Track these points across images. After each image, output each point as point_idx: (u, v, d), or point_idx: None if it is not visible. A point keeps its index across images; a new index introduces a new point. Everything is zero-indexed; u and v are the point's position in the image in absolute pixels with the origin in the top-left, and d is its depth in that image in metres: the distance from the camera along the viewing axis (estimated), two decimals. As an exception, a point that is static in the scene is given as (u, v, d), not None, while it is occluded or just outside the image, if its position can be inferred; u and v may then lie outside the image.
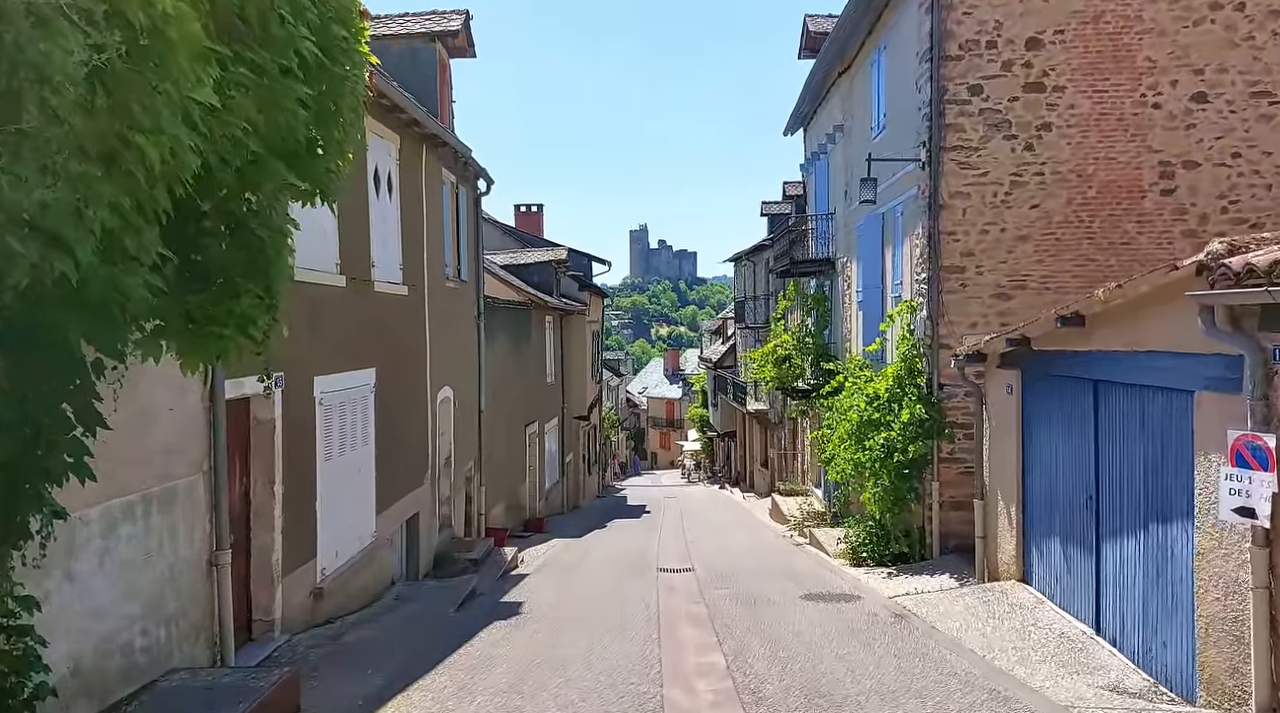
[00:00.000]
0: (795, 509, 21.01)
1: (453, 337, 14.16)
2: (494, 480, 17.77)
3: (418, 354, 12.08)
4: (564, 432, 26.53)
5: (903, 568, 12.28)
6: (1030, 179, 12.18)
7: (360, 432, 9.65)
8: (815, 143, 21.32)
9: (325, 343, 8.74)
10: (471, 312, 15.74)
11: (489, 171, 15.93)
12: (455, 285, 14.40)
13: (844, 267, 18.36)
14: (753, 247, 33.85)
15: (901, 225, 13.70)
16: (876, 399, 12.99)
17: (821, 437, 17.10)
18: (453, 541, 13.71)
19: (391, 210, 10.89)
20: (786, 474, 28.16)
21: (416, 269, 11.94)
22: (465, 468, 15.30)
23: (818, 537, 15.81)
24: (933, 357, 12.40)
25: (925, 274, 12.43)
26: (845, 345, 18.21)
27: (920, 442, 12.10)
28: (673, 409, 72.95)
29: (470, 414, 15.55)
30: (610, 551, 16.68)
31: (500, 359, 19.15)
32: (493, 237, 29.46)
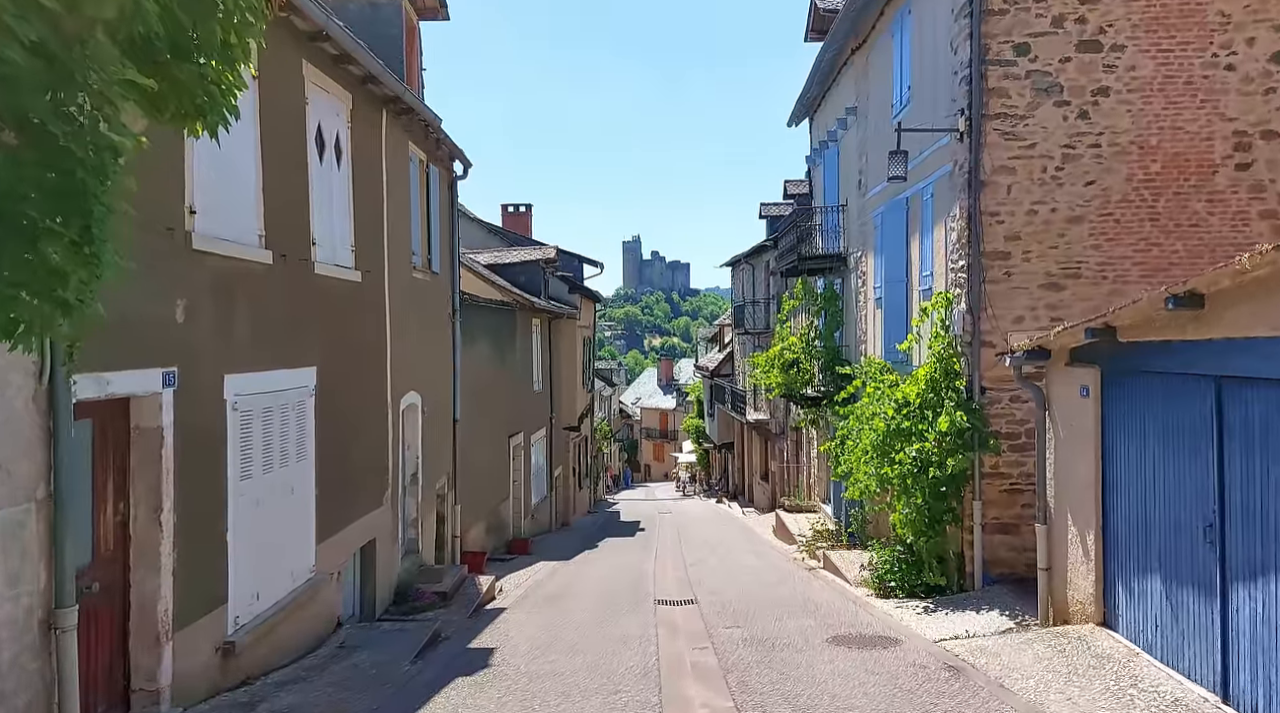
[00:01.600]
0: (803, 528, 19.29)
1: (421, 336, 12.44)
2: (471, 498, 16.01)
3: (375, 354, 10.36)
4: (552, 443, 24.78)
5: (940, 602, 10.57)
6: (1084, 152, 10.55)
7: (295, 444, 7.91)
8: (823, 131, 19.72)
9: (243, 333, 7.01)
10: (445, 309, 14.02)
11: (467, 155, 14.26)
12: (425, 277, 12.68)
13: (858, 262, 16.70)
14: (751, 249, 32.25)
15: (932, 209, 12.04)
16: (906, 405, 11.30)
17: (834, 448, 15.43)
18: (419, 569, 11.95)
19: (340, 181, 9.19)
20: (790, 489, 26.46)
21: (373, 254, 10.23)
22: (437, 485, 13.54)
23: (833, 561, 14.09)
24: (973, 356, 10.73)
25: (963, 262, 10.77)
26: (860, 348, 16.54)
27: (960, 454, 10.41)
28: (667, 420, 71.39)
29: (443, 424, 13.81)
30: (601, 576, 14.92)
31: (480, 364, 17.43)
32: (476, 235, 27.80)
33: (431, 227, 12.96)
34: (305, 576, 8.20)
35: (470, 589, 11.98)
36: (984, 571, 10.73)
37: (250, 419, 7.09)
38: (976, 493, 10.71)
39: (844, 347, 17.75)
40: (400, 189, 11.39)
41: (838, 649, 8.55)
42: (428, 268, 12.75)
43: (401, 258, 11.39)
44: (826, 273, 18.58)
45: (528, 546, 19.22)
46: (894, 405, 11.42)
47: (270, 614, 7.40)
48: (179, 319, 6.04)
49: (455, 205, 14.47)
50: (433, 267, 12.94)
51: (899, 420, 11.29)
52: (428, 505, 12.86)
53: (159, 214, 5.79)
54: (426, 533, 12.74)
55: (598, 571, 15.89)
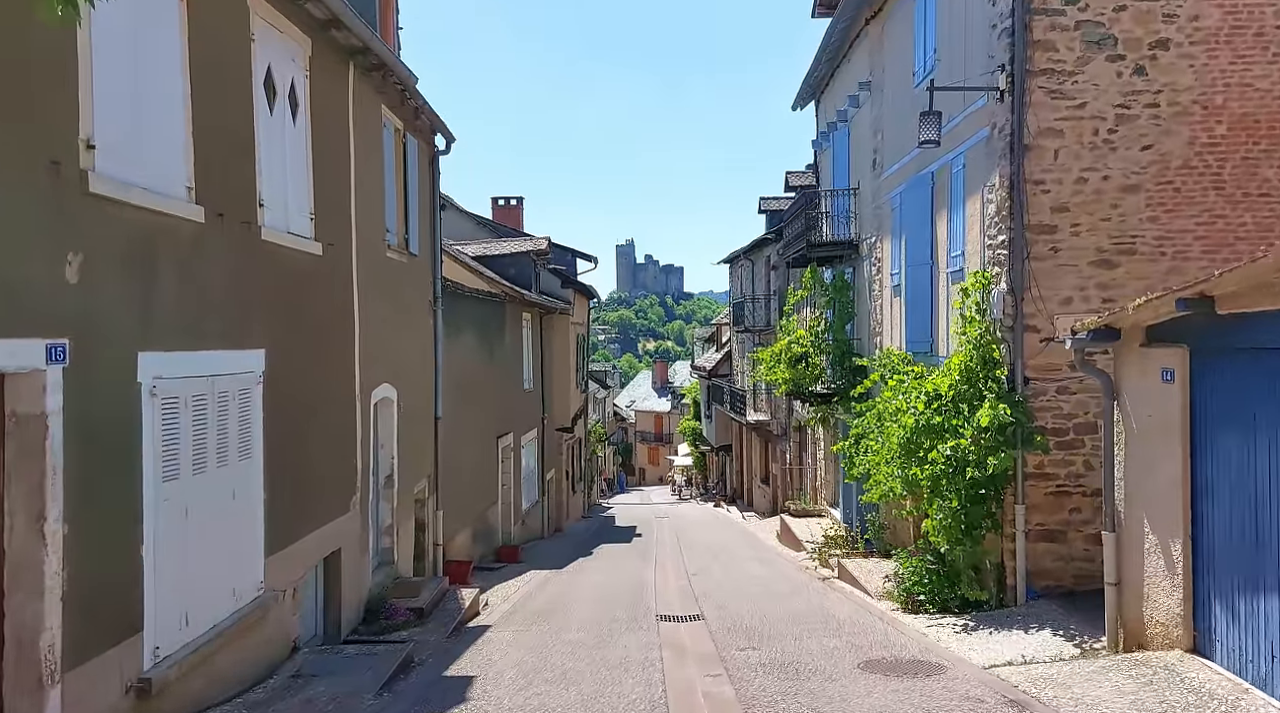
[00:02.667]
0: (812, 533, 18.11)
1: (397, 323, 11.23)
2: (456, 503, 14.78)
3: (340, 339, 9.14)
4: (544, 445, 23.55)
5: (978, 619, 9.39)
6: (1141, 112, 9.41)
7: (237, 439, 6.69)
8: (832, 112, 18.56)
9: (165, 304, 5.80)
10: (425, 295, 12.80)
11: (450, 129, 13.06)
12: (401, 258, 11.47)
13: (872, 248, 15.55)
14: (751, 243, 31.09)
15: (963, 181, 10.88)
16: (937, 399, 10.12)
17: (848, 448, 14.26)
18: (394, 582, 10.71)
19: (296, 138, 7.98)
20: (793, 491, 25.28)
21: (338, 226, 9.01)
22: (416, 488, 12.32)
23: (850, 570, 12.91)
24: (1015, 342, 9.56)
25: (1004, 237, 9.61)
26: (875, 340, 15.37)
27: (1002, 452, 9.23)
28: (662, 423, 70.23)
29: (423, 422, 12.59)
30: (596, 588, 13.71)
31: (466, 358, 16.21)
32: (465, 227, 26.60)
33: (410, 203, 11.74)
34: (252, 594, 6.97)
35: (451, 604, 10.75)
36: (1027, 583, 9.56)
37: (177, 408, 5.86)
38: (1019, 496, 9.54)
39: (856, 340, 16.58)
40: (371, 157, 10.18)
41: (873, 678, 7.35)
42: (405, 248, 11.53)
43: (373, 234, 10.17)
44: (837, 262, 17.42)
45: (518, 553, 17.99)
46: (923, 399, 10.24)
47: (205, 641, 6.17)
48: (71, 280, 4.82)
49: (437, 183, 13.26)
50: (410, 247, 11.73)
51: (929, 416, 10.11)
52: (405, 511, 11.64)
53: (38, 142, 4.56)
54: (403, 542, 11.51)
55: (593, 581, 14.67)
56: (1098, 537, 9.47)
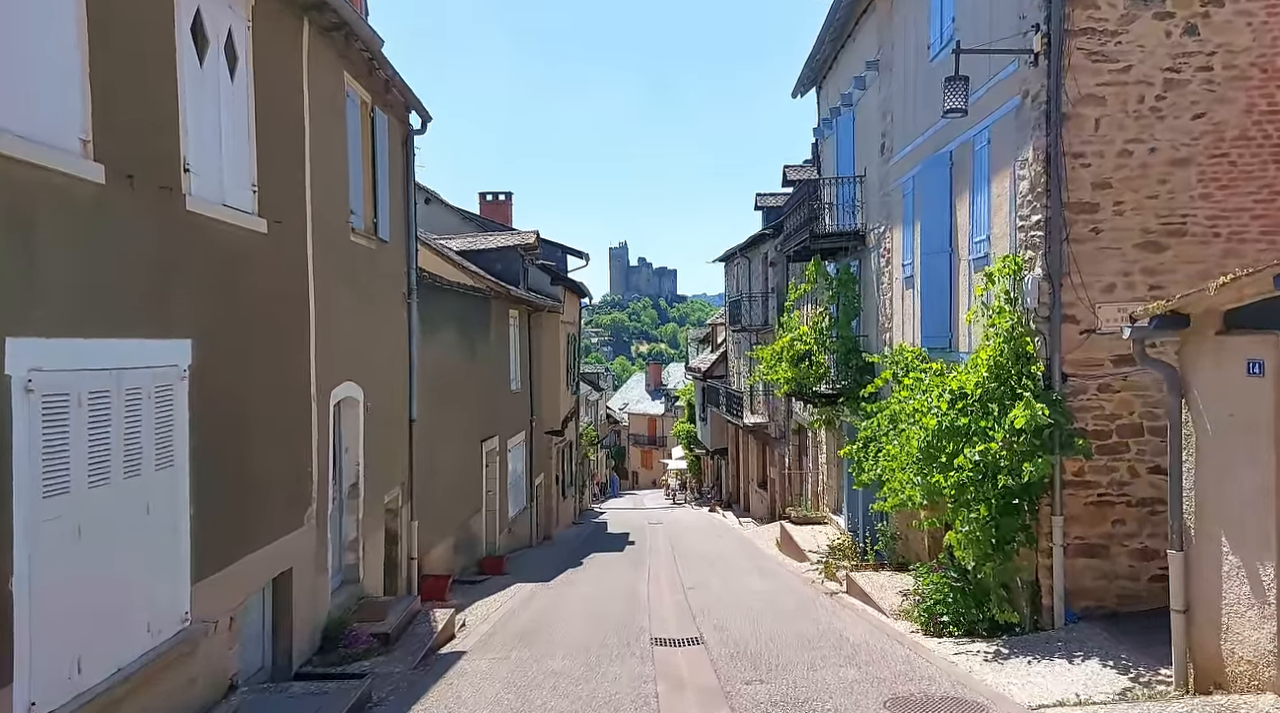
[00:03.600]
0: (815, 543, 17.09)
1: (363, 314, 10.17)
2: (434, 512, 13.71)
3: (292, 331, 8.07)
4: (532, 449, 22.47)
5: (1011, 644, 8.36)
6: (1192, 76, 8.41)
7: (152, 445, 5.62)
8: (835, 97, 17.56)
9: (50, 280, 4.74)
10: (398, 286, 11.74)
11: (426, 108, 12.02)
12: (369, 245, 10.41)
13: (881, 238, 14.55)
14: (748, 240, 30.07)
15: (988, 158, 9.87)
16: (962, 398, 9.11)
17: (856, 453, 13.25)
18: (359, 603, 9.65)
19: (234, 97, 6.91)
20: (792, 497, 24.28)
21: (289, 202, 7.95)
22: (387, 497, 11.25)
23: (860, 585, 11.88)
24: (1052, 334, 8.55)
25: (1039, 216, 8.60)
26: (884, 336, 14.37)
27: (1040, 457, 8.21)
28: (655, 426, 69.23)
29: (395, 425, 11.52)
30: (585, 604, 12.65)
31: (446, 357, 15.15)
32: (450, 222, 25.55)
33: (379, 185, 10.68)
34: (174, 627, 5.90)
35: (422, 627, 9.68)
36: (1065, 604, 8.54)
37: (65, 407, 4.80)
38: (1056, 506, 8.53)
39: (862, 337, 15.58)
40: (332, 129, 9.13)
41: (904, 721, 6.32)
42: (373, 233, 10.47)
43: (333, 215, 9.12)
44: (841, 254, 16.42)
45: (502, 564, 16.91)
46: (946, 398, 9.23)
47: (105, 689, 5.11)
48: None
49: (411, 165, 12.21)
50: (380, 232, 10.66)
51: (953, 417, 9.10)
52: (373, 523, 10.57)
53: None
54: (371, 557, 10.44)
55: (582, 595, 13.61)
56: (1144, 552, 8.53)
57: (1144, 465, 8.53)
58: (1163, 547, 8.46)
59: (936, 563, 10.12)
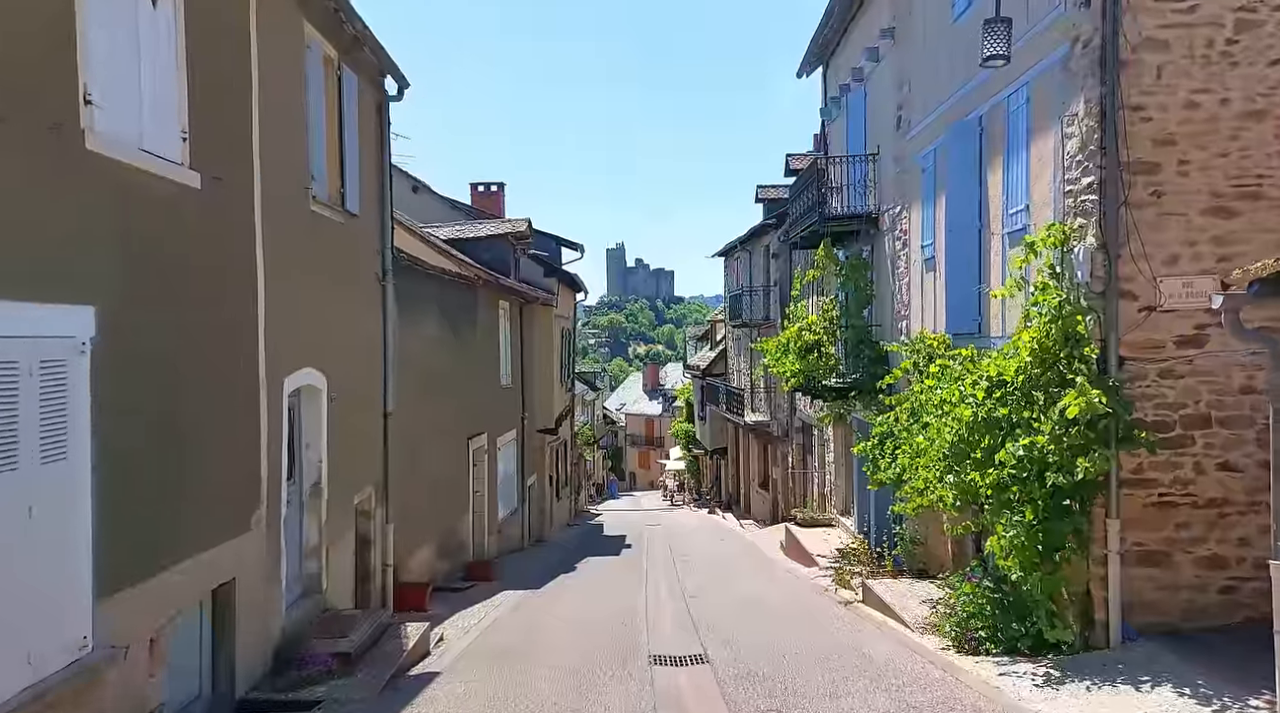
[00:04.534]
0: (823, 547, 16.05)
1: (328, 294, 9.12)
2: (414, 514, 12.65)
3: (234, 306, 7.01)
4: (524, 448, 21.40)
5: (1064, 665, 7.31)
6: (1268, 16, 7.39)
7: (36, 432, 4.57)
8: (845, 73, 16.52)
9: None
10: (371, 266, 10.68)
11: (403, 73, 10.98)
12: (335, 217, 9.35)
13: (896, 219, 13.51)
14: (748, 232, 29.04)
15: (1028, 117, 8.83)
16: (1001, 386, 8.07)
17: (870, 450, 12.24)
18: (322, 617, 8.58)
19: (157, 26, 5.86)
20: (796, 498, 23.25)
21: (231, 156, 6.90)
22: (358, 498, 10.20)
23: (878, 594, 10.83)
24: (1107, 312, 7.51)
25: (1091, 178, 7.56)
26: (900, 325, 13.34)
27: (1097, 452, 7.16)
28: (653, 426, 68.18)
29: (367, 418, 10.47)
30: (578, 615, 11.59)
31: (429, 348, 14.09)
32: (439, 210, 24.47)
33: (347, 152, 9.63)
34: (67, 656, 4.83)
35: (391, 644, 8.62)
36: (1122, 619, 7.50)
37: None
38: (1112, 508, 7.49)
39: (875, 326, 14.54)
40: (288, 83, 8.08)
41: (954, 766, 5.27)
42: (339, 205, 9.41)
43: (289, 179, 8.06)
44: (851, 239, 15.37)
45: (490, 569, 15.83)
46: (983, 387, 8.18)
47: (-34, 738, 4.04)
48: None
49: (387, 134, 11.15)
50: (348, 205, 9.60)
51: (990, 407, 8.06)
52: (340, 526, 9.51)
53: None
54: (337, 564, 9.38)
55: (574, 605, 12.54)
56: (1212, 559, 7.51)
57: (1211, 461, 7.50)
58: (1233, 554, 7.50)
59: (970, 571, 9.07)
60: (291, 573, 8.32)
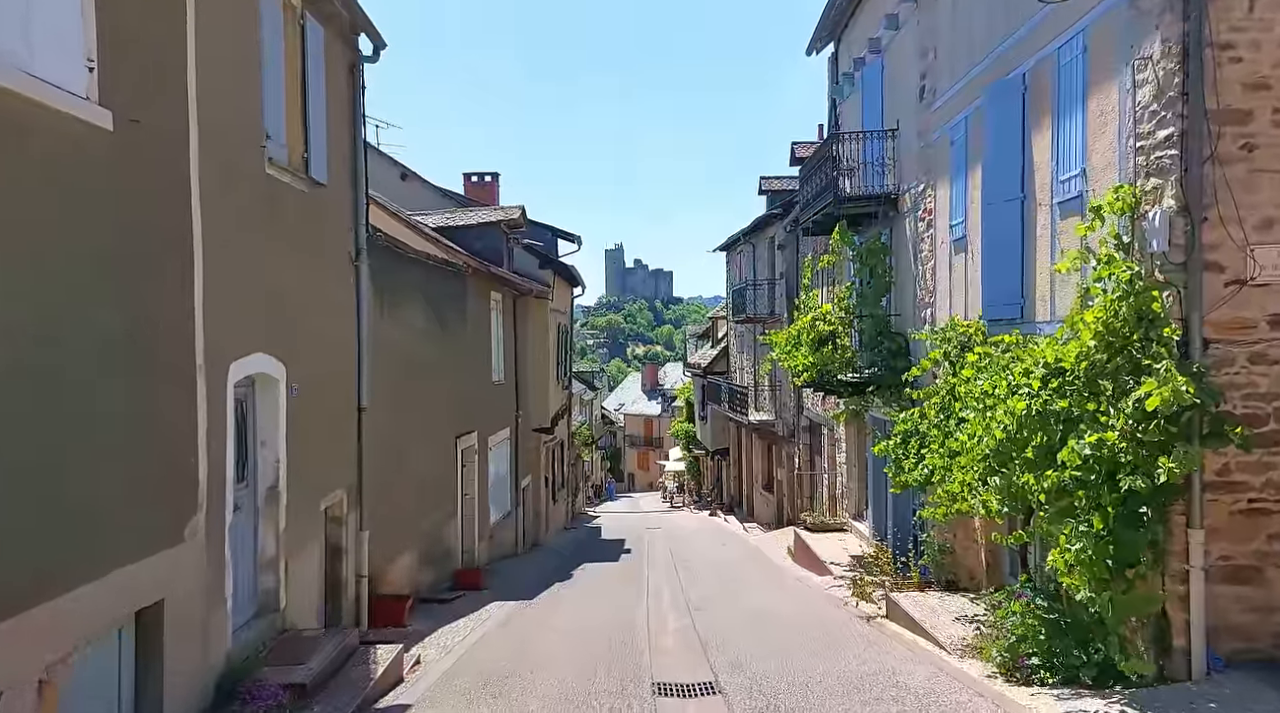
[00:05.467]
0: (837, 553, 14.98)
1: (288, 272, 8.03)
2: (394, 519, 11.56)
3: (161, 276, 5.91)
4: (518, 448, 20.30)
5: (1139, 701, 6.22)
6: (1379, -61, 6.32)
7: None
8: (860, 45, 15.45)
9: None
10: (341, 244, 9.60)
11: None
12: (296, 184, 8.25)
13: (919, 198, 12.43)
14: (752, 224, 27.96)
15: (1083, 69, 7.75)
16: (1059, 375, 7.00)
17: (893, 449, 11.21)
18: (278, 639, 7.48)
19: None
20: (803, 501, 22.19)
21: (157, 96, 5.81)
22: (326, 502, 9.11)
23: (904, 608, 9.75)
24: (1190, 287, 6.44)
25: (1168, 130, 6.48)
26: (923, 313, 12.27)
27: (1182, 450, 6.08)
28: (652, 427, 67.20)
29: (337, 413, 9.39)
30: (573, 631, 10.50)
31: (412, 339, 13.00)
32: (430, 200, 23.39)
33: (312, 113, 8.54)
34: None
35: (358, 670, 7.52)
36: (1207, 646, 6.42)
37: None
38: (1195, 516, 6.41)
39: (894, 316, 13.47)
40: (234, 19, 7.00)
41: None
42: (302, 171, 8.32)
43: (235, 132, 6.97)
44: (868, 223, 14.30)
45: (480, 578, 14.76)
46: (1038, 375, 7.11)
47: None
48: None
49: (360, 98, 10.06)
50: (312, 172, 8.51)
51: (1046, 399, 6.98)
52: (305, 533, 8.41)
53: None
54: (300, 577, 8.28)
55: (569, 620, 11.45)
56: (1313, 577, 6.41)
57: (1311, 461, 6.43)
58: (1338, 570, 6.42)
59: (1019, 587, 7.99)
60: (242, 589, 7.24)
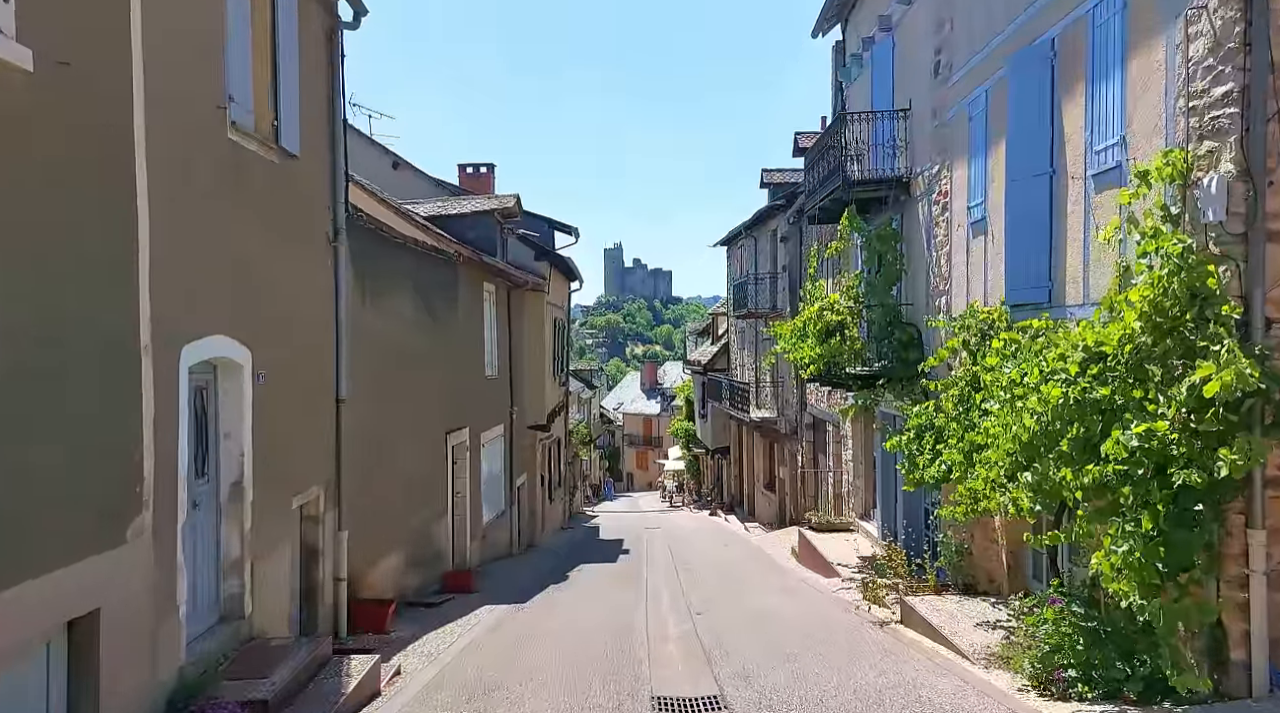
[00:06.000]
0: (845, 553, 14.35)
1: (254, 248, 7.38)
2: (378, 518, 10.91)
3: (97, 239, 5.25)
4: (512, 445, 19.64)
5: (1194, 720, 5.59)
6: None
7: None
8: (869, 23, 14.82)
9: None
10: (317, 221, 8.94)
11: None
12: (265, 153, 7.60)
13: (933, 180, 11.79)
14: (754, 216, 27.34)
15: (1121, 28, 7.10)
16: (1100, 360, 6.36)
17: (906, 444, 10.60)
18: (243, 649, 6.83)
19: None
20: (806, 500, 21.57)
21: (92, 36, 5.15)
22: (301, 499, 8.46)
23: (921, 613, 9.11)
24: (1250, 261, 5.79)
25: (1227, 87, 5.83)
26: (936, 301, 11.64)
27: (1246, 440, 5.44)
28: (651, 426, 66.58)
29: (313, 404, 8.74)
30: (568, 637, 9.84)
31: (398, 328, 12.34)
32: (422, 189, 22.73)
33: (283, 78, 7.88)
34: None
35: (329, 683, 6.86)
36: (1268, 659, 5.78)
37: None
38: (1255, 516, 5.77)
39: (906, 305, 12.82)
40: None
41: None
42: (271, 140, 7.66)
43: (191, 89, 6.32)
44: (878, 208, 13.66)
45: (471, 580, 14.09)
46: (1077, 359, 6.47)
47: None
48: None
49: (339, 67, 9.40)
50: (283, 141, 7.85)
51: (1085, 386, 6.34)
52: (275, 533, 7.76)
53: None
54: (271, 580, 7.62)
55: (563, 624, 10.80)
56: (1386, 582, 5.76)
57: (1384, 454, 5.79)
58: None
59: (1053, 593, 7.34)
60: (201, 595, 6.59)
